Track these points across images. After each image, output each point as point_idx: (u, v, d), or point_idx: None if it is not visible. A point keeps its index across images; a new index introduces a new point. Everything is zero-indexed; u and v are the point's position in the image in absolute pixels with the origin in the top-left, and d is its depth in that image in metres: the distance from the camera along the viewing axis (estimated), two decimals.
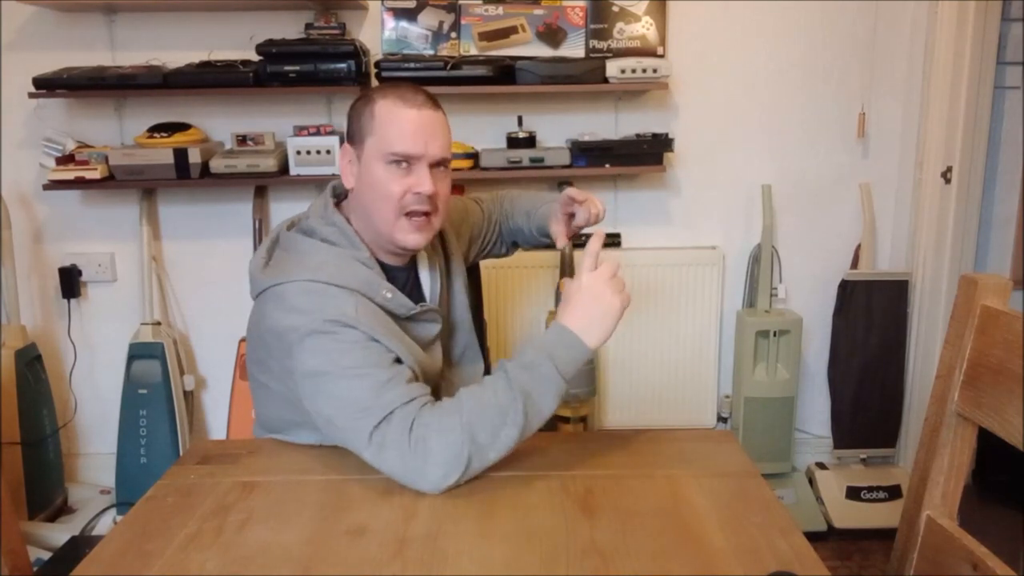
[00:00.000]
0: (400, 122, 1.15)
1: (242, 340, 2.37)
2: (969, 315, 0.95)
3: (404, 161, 1.15)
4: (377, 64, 2.14)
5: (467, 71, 2.12)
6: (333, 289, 1.10)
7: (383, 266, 1.21)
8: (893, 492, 2.35)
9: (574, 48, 2.25)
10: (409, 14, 2.23)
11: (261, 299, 1.15)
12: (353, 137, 1.19)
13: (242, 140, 2.26)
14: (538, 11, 2.22)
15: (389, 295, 1.16)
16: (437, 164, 1.18)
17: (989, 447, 1.59)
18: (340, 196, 1.28)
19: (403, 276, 1.26)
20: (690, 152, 2.42)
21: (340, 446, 1.10)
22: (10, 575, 1.11)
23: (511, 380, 1.04)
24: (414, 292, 1.28)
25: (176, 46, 2.27)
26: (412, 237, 1.18)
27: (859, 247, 2.47)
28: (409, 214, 1.17)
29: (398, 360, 1.10)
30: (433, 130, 1.16)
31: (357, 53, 2.11)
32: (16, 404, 2.19)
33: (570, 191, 1.37)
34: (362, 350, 1.06)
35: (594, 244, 1.11)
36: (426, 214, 1.18)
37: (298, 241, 1.19)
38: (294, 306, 1.09)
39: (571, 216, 1.41)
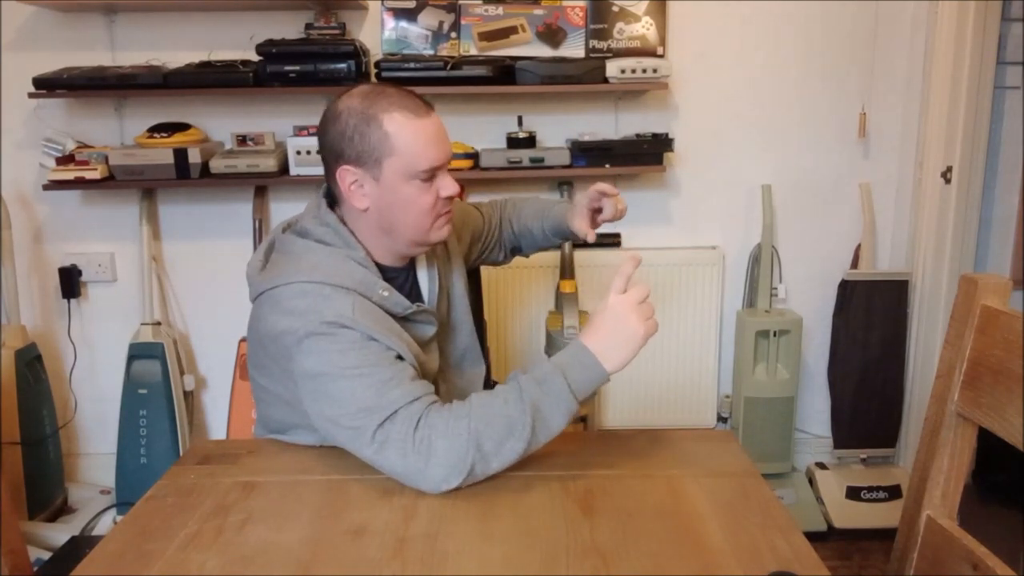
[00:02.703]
0: (419, 138, 1.13)
1: (242, 340, 2.37)
2: (969, 315, 0.95)
3: (432, 173, 1.16)
4: (377, 64, 2.14)
5: (467, 71, 2.12)
6: (328, 289, 1.10)
7: (381, 267, 1.21)
8: (893, 492, 2.35)
9: (574, 48, 2.25)
10: (409, 14, 2.23)
11: (258, 302, 1.15)
12: (360, 159, 1.14)
13: (242, 140, 2.26)
14: (538, 11, 2.22)
15: (385, 293, 1.15)
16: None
17: (989, 447, 1.59)
18: (334, 198, 1.28)
19: (401, 277, 1.26)
20: (690, 152, 2.42)
21: (340, 447, 1.09)
22: (10, 575, 1.11)
23: (522, 393, 1.03)
24: (412, 293, 1.28)
25: (176, 46, 2.27)
26: (443, 232, 1.21)
27: (859, 247, 2.47)
28: (439, 216, 1.19)
29: (399, 357, 1.09)
30: (442, 134, 1.17)
31: (357, 53, 2.11)
32: (16, 404, 2.19)
33: (601, 185, 1.39)
34: (361, 350, 1.06)
35: (627, 267, 1.09)
36: (448, 210, 1.21)
37: (292, 243, 1.19)
38: (290, 309, 1.09)
39: (596, 212, 1.43)
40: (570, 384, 1.03)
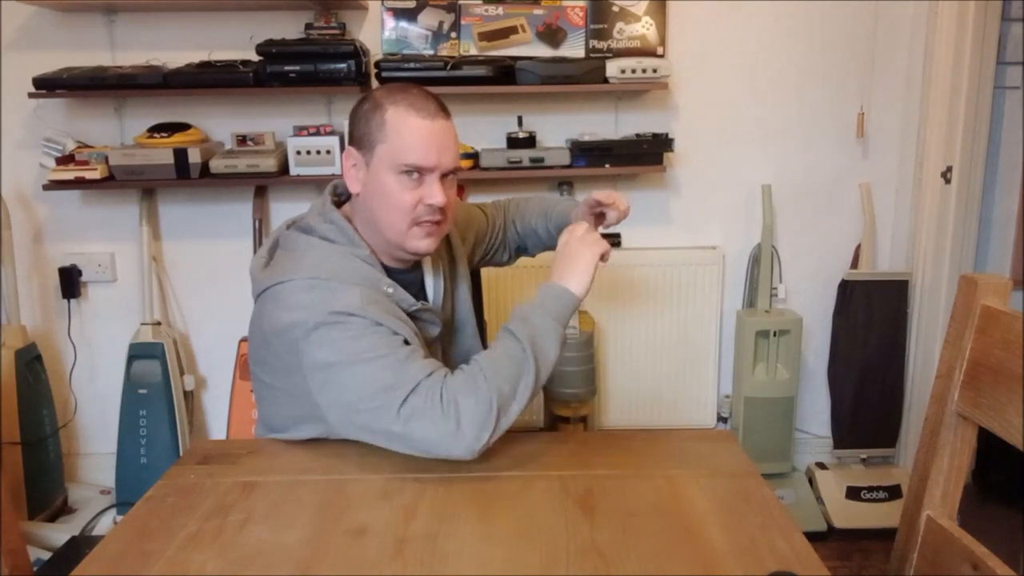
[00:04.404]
0: (413, 133, 1.14)
1: (242, 340, 2.37)
2: (969, 315, 0.95)
3: (416, 172, 1.15)
4: (377, 64, 2.14)
5: (467, 71, 2.12)
6: (334, 283, 1.10)
7: (386, 269, 1.21)
8: (893, 492, 2.35)
9: (574, 48, 2.25)
10: (409, 14, 2.23)
11: (261, 299, 1.16)
12: (360, 142, 1.17)
13: (242, 140, 2.26)
14: (538, 11, 2.22)
15: (390, 290, 1.16)
16: (447, 174, 1.18)
17: (989, 447, 1.60)
18: (341, 196, 1.28)
19: (406, 278, 1.26)
20: (690, 152, 2.42)
21: (350, 438, 1.10)
22: (10, 575, 1.11)
23: (514, 333, 1.10)
24: (418, 294, 1.28)
25: (176, 46, 2.27)
26: (423, 243, 1.19)
27: (859, 247, 2.47)
28: (420, 223, 1.17)
29: (406, 342, 1.10)
30: (445, 141, 1.16)
31: (357, 53, 2.11)
32: (16, 404, 2.19)
33: (597, 195, 1.37)
34: (373, 335, 1.07)
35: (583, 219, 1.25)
36: (436, 222, 1.19)
37: (296, 239, 1.19)
38: (296, 303, 1.09)
39: (599, 216, 1.42)
40: (551, 312, 1.13)
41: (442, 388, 1.04)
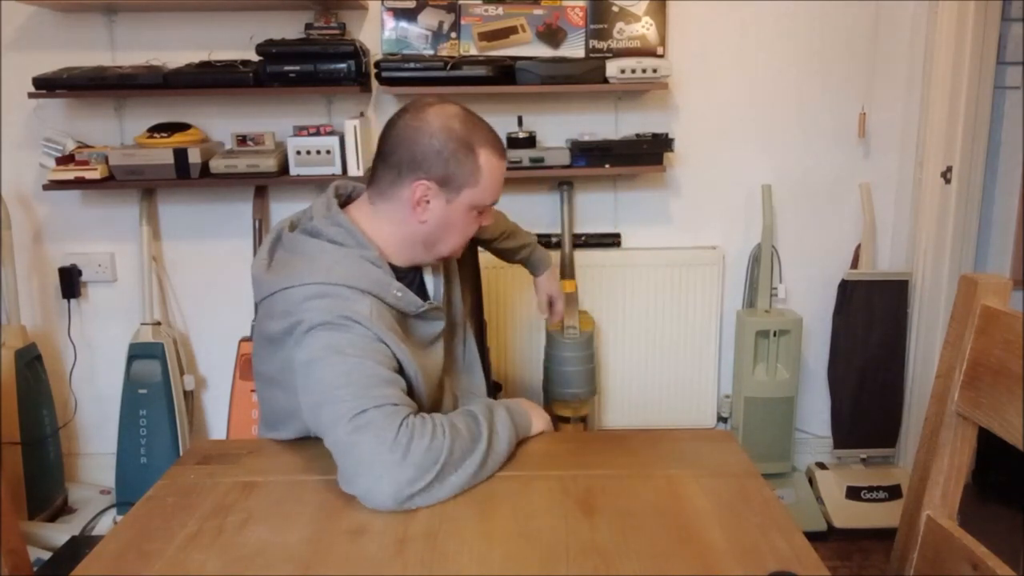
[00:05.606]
0: (497, 177, 1.22)
1: (242, 340, 2.37)
2: (969, 315, 0.95)
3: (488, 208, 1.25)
4: (377, 64, 2.14)
5: (467, 71, 2.11)
6: (346, 291, 1.10)
7: (392, 267, 1.22)
8: (893, 492, 2.35)
9: (574, 48, 2.25)
10: (409, 14, 2.23)
11: (270, 301, 1.14)
12: (446, 181, 1.17)
13: (242, 140, 2.26)
14: (538, 11, 2.22)
15: (399, 294, 1.16)
16: None
17: (989, 447, 1.60)
18: (341, 196, 1.28)
19: (409, 276, 1.27)
20: (690, 152, 2.42)
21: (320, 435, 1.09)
22: (10, 575, 1.11)
23: (478, 415, 1.09)
24: (420, 292, 1.29)
25: (176, 46, 2.27)
26: (460, 250, 1.29)
27: (859, 247, 2.47)
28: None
29: (398, 371, 1.10)
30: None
31: (357, 53, 2.11)
32: (16, 404, 2.19)
33: (556, 301, 1.79)
34: (370, 344, 1.07)
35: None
36: None
37: (304, 243, 1.17)
38: (307, 307, 1.08)
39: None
40: (512, 416, 1.14)
41: (403, 420, 1.01)
